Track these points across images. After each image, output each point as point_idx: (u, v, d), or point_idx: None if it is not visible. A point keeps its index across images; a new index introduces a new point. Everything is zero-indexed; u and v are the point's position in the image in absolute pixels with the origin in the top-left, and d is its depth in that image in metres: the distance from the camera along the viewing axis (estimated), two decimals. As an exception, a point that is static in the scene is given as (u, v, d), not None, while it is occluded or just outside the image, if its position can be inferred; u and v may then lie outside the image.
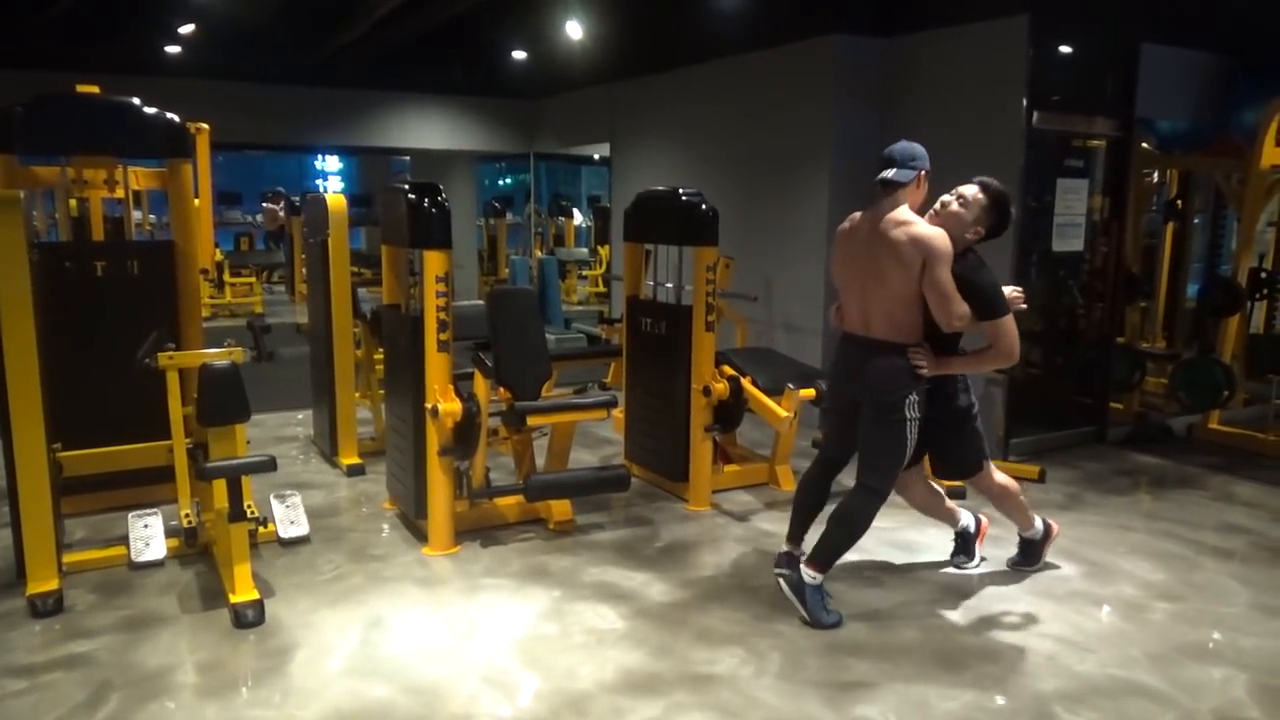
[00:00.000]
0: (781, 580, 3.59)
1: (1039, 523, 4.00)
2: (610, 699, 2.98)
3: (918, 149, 3.42)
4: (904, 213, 3.35)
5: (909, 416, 3.41)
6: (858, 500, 3.51)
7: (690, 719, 2.87)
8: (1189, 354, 6.47)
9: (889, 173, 3.36)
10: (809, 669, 3.18)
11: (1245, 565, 4.16)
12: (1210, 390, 6.05)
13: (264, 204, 16.93)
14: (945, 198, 3.48)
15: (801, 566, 3.52)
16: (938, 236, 3.29)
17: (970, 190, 3.45)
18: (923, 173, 3.42)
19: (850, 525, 3.52)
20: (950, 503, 4.04)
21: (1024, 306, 3.60)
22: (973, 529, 4.08)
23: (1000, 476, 3.88)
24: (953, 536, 4.12)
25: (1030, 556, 4.04)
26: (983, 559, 4.09)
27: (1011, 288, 3.57)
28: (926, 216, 3.43)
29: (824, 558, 3.52)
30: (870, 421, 3.50)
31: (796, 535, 3.72)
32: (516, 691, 3.04)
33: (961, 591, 3.83)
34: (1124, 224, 6.21)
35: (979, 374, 3.53)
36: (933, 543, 4.30)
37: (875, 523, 3.54)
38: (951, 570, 4.04)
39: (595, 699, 2.98)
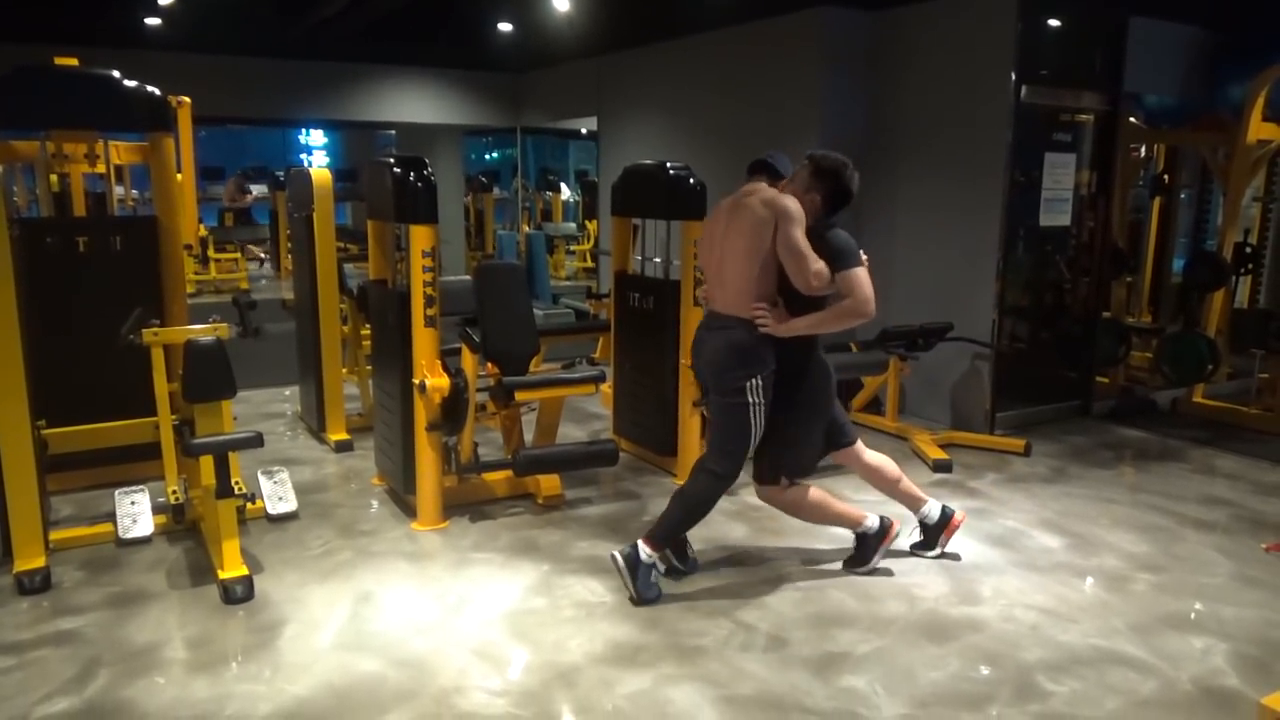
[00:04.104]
0: (617, 555, 3.50)
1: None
2: (599, 671, 3.01)
3: (789, 165, 3.56)
4: (761, 188, 3.45)
5: (751, 401, 3.36)
6: (699, 483, 3.49)
7: (679, 690, 2.90)
8: (1174, 328, 6.51)
9: (765, 157, 3.54)
10: (796, 640, 3.20)
11: (1227, 537, 4.21)
12: (1195, 364, 6.09)
13: (233, 179, 16.91)
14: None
15: (639, 541, 3.49)
16: (789, 199, 3.36)
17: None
18: (784, 181, 3.49)
19: (690, 507, 3.50)
20: (906, 484, 3.86)
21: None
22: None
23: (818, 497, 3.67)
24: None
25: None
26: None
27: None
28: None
29: (661, 535, 3.49)
30: (715, 403, 3.50)
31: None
32: (506, 665, 3.05)
33: (946, 564, 3.86)
34: (1111, 199, 6.22)
35: (831, 331, 3.36)
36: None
37: (858, 496, 3.55)
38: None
39: (584, 671, 3.00)
